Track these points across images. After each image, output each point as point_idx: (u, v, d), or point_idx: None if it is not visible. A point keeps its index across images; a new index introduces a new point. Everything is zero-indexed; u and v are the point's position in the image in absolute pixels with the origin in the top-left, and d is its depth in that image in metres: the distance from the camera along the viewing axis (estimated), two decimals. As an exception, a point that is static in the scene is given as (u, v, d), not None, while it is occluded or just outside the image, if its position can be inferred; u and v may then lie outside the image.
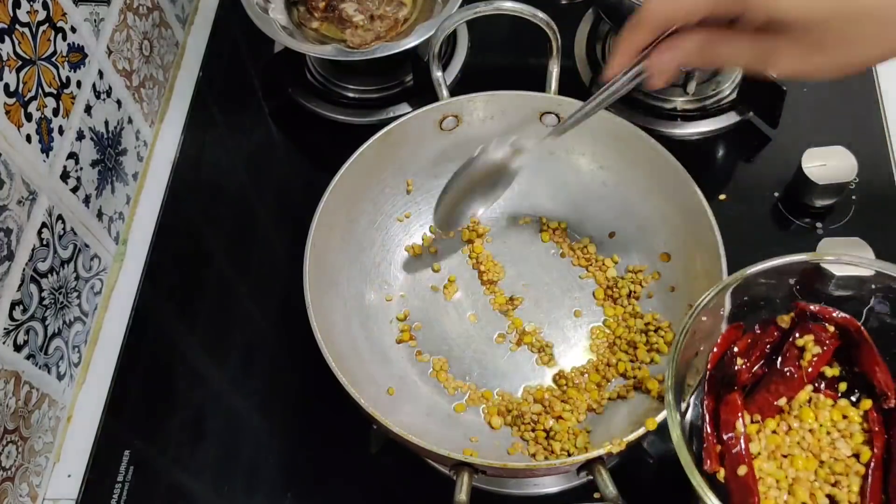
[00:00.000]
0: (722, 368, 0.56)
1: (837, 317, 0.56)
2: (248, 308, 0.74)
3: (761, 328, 0.57)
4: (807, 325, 0.56)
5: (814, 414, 0.54)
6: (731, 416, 0.53)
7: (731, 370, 0.55)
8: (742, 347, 0.56)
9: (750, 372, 0.56)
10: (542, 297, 0.69)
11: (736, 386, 0.55)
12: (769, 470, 0.52)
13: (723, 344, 0.56)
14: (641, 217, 0.69)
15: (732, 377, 0.55)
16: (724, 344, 0.56)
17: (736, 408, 0.53)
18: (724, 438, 0.52)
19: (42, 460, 0.66)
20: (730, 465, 0.51)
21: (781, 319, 0.57)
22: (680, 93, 0.80)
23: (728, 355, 0.56)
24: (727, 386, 0.55)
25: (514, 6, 0.66)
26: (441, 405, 0.65)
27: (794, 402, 0.54)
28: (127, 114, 0.78)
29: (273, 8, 0.80)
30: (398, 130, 0.67)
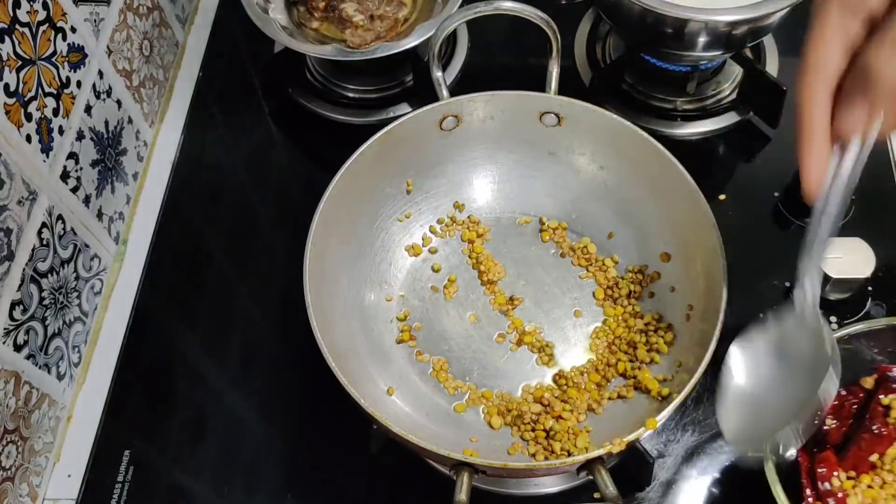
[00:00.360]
0: None
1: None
2: (248, 308, 0.74)
3: (847, 390, 0.59)
4: (890, 385, 0.58)
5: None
6: (827, 473, 0.55)
7: (821, 430, 0.57)
8: (831, 409, 0.58)
9: (840, 431, 0.58)
10: (542, 297, 0.69)
11: (828, 445, 0.57)
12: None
13: None
14: (641, 217, 0.68)
15: (823, 437, 0.57)
16: None
17: (831, 464, 0.55)
18: (821, 494, 0.54)
19: (42, 460, 0.66)
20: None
21: (865, 381, 0.59)
22: (680, 93, 0.80)
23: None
24: (819, 445, 0.57)
25: (514, 6, 0.66)
26: (441, 405, 0.65)
27: (885, 458, 0.56)
28: (127, 114, 0.78)
29: (273, 8, 0.80)
30: (398, 130, 0.67)
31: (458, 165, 0.72)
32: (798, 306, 0.49)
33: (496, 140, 0.71)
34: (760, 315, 0.68)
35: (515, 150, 0.72)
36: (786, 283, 0.71)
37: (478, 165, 0.73)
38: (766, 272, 0.71)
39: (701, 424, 0.65)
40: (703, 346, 0.56)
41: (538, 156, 0.71)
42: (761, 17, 0.68)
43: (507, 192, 0.73)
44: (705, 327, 0.58)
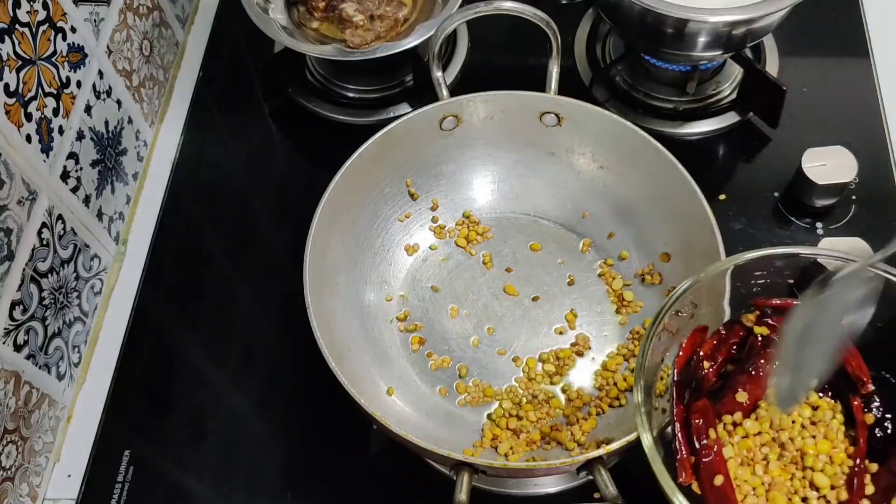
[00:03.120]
0: (689, 373, 0.54)
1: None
2: (248, 308, 0.74)
3: (726, 329, 0.56)
4: (767, 319, 0.55)
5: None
6: (702, 424, 0.51)
7: (697, 375, 0.54)
8: (707, 350, 0.55)
9: (717, 375, 0.55)
10: (542, 296, 0.69)
11: (704, 391, 0.54)
12: (744, 476, 0.51)
13: (688, 348, 0.55)
14: (641, 217, 0.69)
15: (700, 382, 0.54)
16: (689, 348, 0.55)
17: (707, 414, 0.52)
18: (697, 448, 0.51)
19: (42, 460, 0.66)
20: (705, 476, 0.50)
21: (746, 318, 0.56)
22: (680, 93, 0.81)
23: (694, 359, 0.55)
24: (695, 392, 0.54)
25: (514, 6, 0.66)
26: (441, 405, 0.65)
27: (762, 402, 0.54)
28: (127, 114, 0.78)
29: (273, 8, 0.80)
30: (398, 130, 0.67)
31: (458, 165, 0.72)
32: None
33: (496, 140, 0.71)
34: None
35: (515, 150, 0.72)
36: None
37: (478, 165, 0.73)
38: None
39: (701, 424, 0.65)
40: (703, 346, 0.56)
41: (538, 156, 0.71)
42: (761, 17, 0.68)
43: (507, 192, 0.73)
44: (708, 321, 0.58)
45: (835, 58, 0.84)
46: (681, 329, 0.55)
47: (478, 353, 0.67)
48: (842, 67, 0.83)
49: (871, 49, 0.83)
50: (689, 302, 0.54)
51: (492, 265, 0.71)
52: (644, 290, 0.68)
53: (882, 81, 0.81)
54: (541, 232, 0.72)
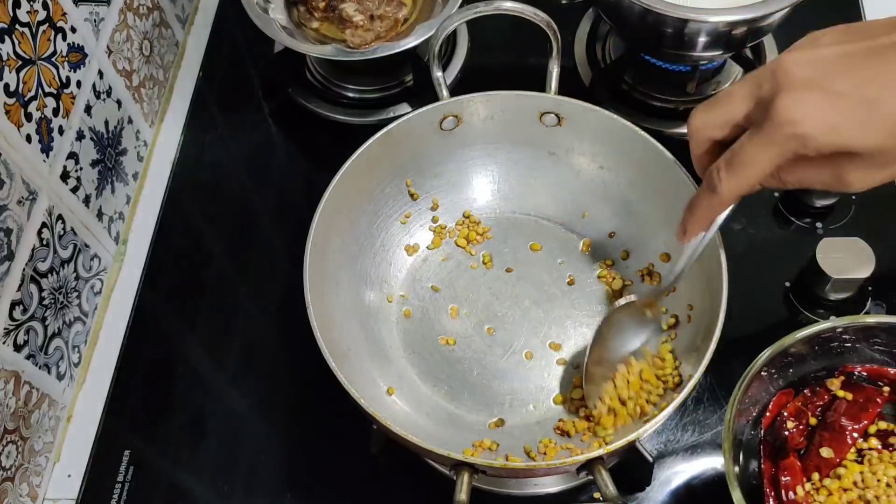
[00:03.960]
0: (774, 433, 0.57)
1: (890, 373, 0.57)
2: (248, 308, 0.74)
3: (811, 391, 0.58)
4: (857, 385, 0.57)
5: (869, 469, 0.55)
6: (790, 481, 0.54)
7: (782, 434, 0.56)
8: (792, 411, 0.57)
9: (802, 435, 0.57)
10: (542, 296, 0.69)
11: (790, 449, 0.56)
12: None
13: (774, 409, 0.57)
14: (641, 217, 0.68)
15: (784, 441, 0.56)
16: (775, 409, 0.57)
17: (795, 471, 0.54)
18: (785, 502, 0.53)
19: (42, 460, 0.66)
20: None
21: (831, 383, 0.58)
22: (680, 93, 0.80)
23: (779, 420, 0.57)
24: (782, 451, 0.56)
25: (514, 6, 0.66)
26: (441, 405, 0.65)
27: (845, 461, 0.56)
28: (127, 114, 0.78)
29: (273, 8, 0.80)
30: (398, 130, 0.67)
31: (458, 165, 0.72)
32: None
33: (496, 140, 0.71)
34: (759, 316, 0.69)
35: (515, 150, 0.72)
36: (786, 284, 0.71)
37: (478, 165, 0.73)
38: (767, 272, 0.71)
39: (701, 424, 0.65)
40: (703, 345, 0.56)
41: (538, 156, 0.71)
42: (761, 17, 0.68)
43: (507, 192, 0.73)
44: (705, 327, 0.58)
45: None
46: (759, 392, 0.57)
47: (478, 353, 0.67)
48: (842, 67, 0.83)
49: (871, 49, 0.83)
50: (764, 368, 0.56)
51: (492, 265, 0.71)
52: (643, 290, 0.68)
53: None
54: (541, 232, 0.72)
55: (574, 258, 0.71)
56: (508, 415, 0.64)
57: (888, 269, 0.69)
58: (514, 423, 0.64)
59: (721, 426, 0.65)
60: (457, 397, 0.65)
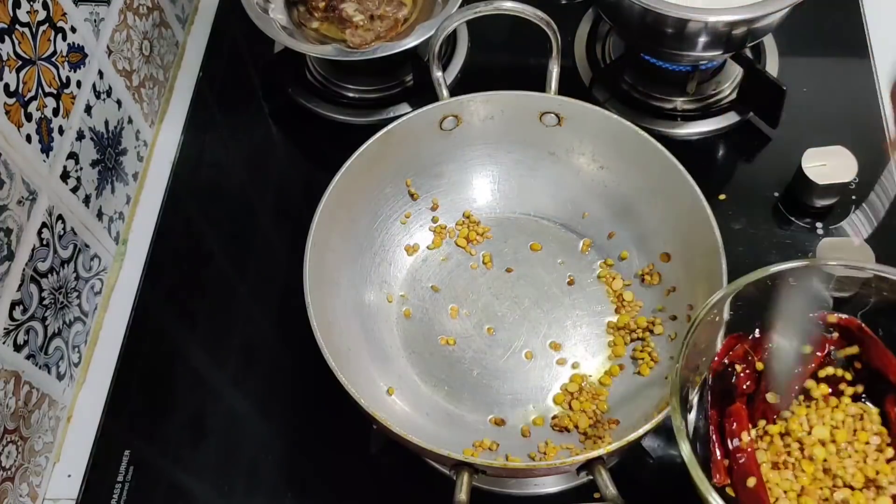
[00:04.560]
0: (723, 379, 0.55)
1: (837, 319, 0.56)
2: (248, 308, 0.74)
3: (761, 334, 0.57)
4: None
5: (815, 414, 0.54)
6: (736, 427, 0.52)
7: (731, 379, 0.55)
8: (740, 354, 0.56)
9: (750, 379, 0.55)
10: (542, 297, 0.69)
11: (738, 395, 0.54)
12: (776, 479, 0.52)
13: (722, 353, 0.56)
14: (641, 217, 0.69)
15: (733, 386, 0.55)
16: (723, 353, 0.56)
17: (741, 418, 0.53)
18: (730, 450, 0.52)
19: (42, 460, 0.66)
20: (738, 477, 0.51)
21: None
22: (680, 93, 0.81)
23: (728, 365, 0.56)
24: (729, 396, 0.55)
25: (514, 6, 0.66)
26: (441, 405, 0.65)
27: (792, 405, 0.54)
28: (127, 114, 0.78)
29: (273, 8, 0.80)
30: (398, 130, 0.67)
31: (458, 165, 0.72)
32: None
33: (496, 140, 0.71)
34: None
35: (515, 150, 0.72)
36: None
37: (478, 165, 0.73)
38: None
39: (701, 424, 0.65)
40: (703, 346, 0.56)
41: (538, 156, 0.71)
42: (761, 17, 0.68)
43: (507, 192, 0.73)
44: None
45: (835, 58, 0.84)
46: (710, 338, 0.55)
47: (478, 353, 0.67)
48: (842, 67, 0.83)
49: (871, 49, 0.83)
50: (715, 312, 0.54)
51: (492, 265, 0.71)
52: (644, 290, 0.68)
53: (882, 81, 0.81)
54: (541, 232, 0.72)
55: (574, 258, 0.71)
56: (508, 415, 0.64)
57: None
58: (514, 422, 0.64)
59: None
60: (457, 397, 0.65)
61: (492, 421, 0.64)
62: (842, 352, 0.56)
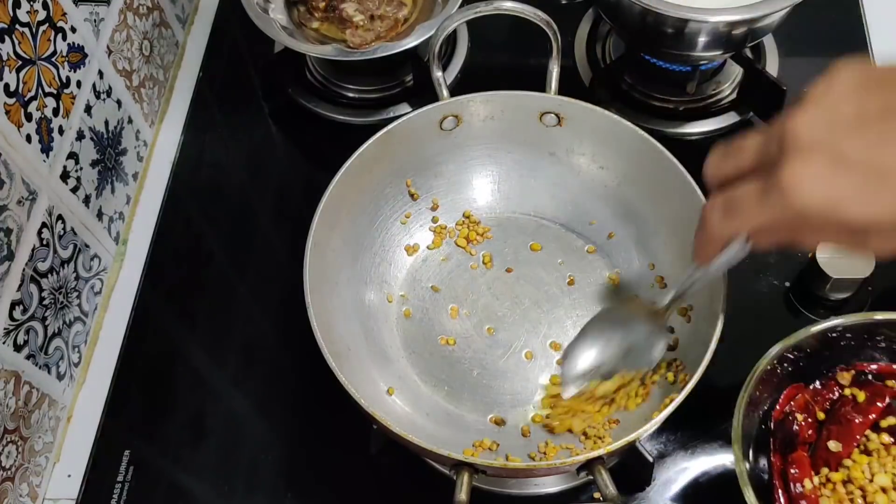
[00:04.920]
0: (783, 427, 0.57)
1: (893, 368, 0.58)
2: (248, 308, 0.74)
3: (821, 385, 0.59)
4: (865, 382, 0.58)
5: (877, 463, 0.55)
6: (798, 474, 0.54)
7: (791, 428, 0.57)
8: (801, 404, 0.58)
9: (812, 428, 0.57)
10: (542, 297, 0.69)
11: (799, 444, 0.56)
12: None
13: (783, 402, 0.58)
14: (641, 217, 0.68)
15: (795, 434, 0.57)
16: (784, 402, 0.58)
17: (803, 465, 0.55)
18: (793, 496, 0.54)
19: (42, 460, 0.66)
20: None
21: (841, 377, 0.59)
22: (680, 93, 0.81)
23: (788, 414, 0.57)
24: (791, 444, 0.56)
25: (514, 6, 0.66)
26: (441, 405, 0.65)
27: (854, 454, 0.56)
28: (127, 114, 0.78)
29: (273, 8, 0.80)
30: (398, 130, 0.67)
31: (458, 165, 0.72)
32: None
33: (496, 140, 0.71)
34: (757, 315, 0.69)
35: (515, 150, 0.72)
36: (786, 283, 0.71)
37: (478, 165, 0.73)
38: (766, 272, 0.71)
39: (701, 424, 0.65)
40: (703, 346, 0.56)
41: (538, 156, 0.71)
42: (761, 17, 0.68)
43: (507, 192, 0.73)
44: (705, 327, 0.58)
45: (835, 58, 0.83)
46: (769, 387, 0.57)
47: (478, 353, 0.67)
48: (842, 67, 0.83)
49: (871, 49, 0.83)
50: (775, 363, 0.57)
51: (492, 265, 0.71)
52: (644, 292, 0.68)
53: (882, 81, 0.80)
54: (541, 232, 0.72)
55: (574, 258, 0.71)
56: (508, 414, 0.64)
57: (888, 269, 0.68)
58: (514, 422, 0.64)
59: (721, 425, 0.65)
60: (457, 397, 0.65)
61: (492, 421, 0.64)
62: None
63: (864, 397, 0.57)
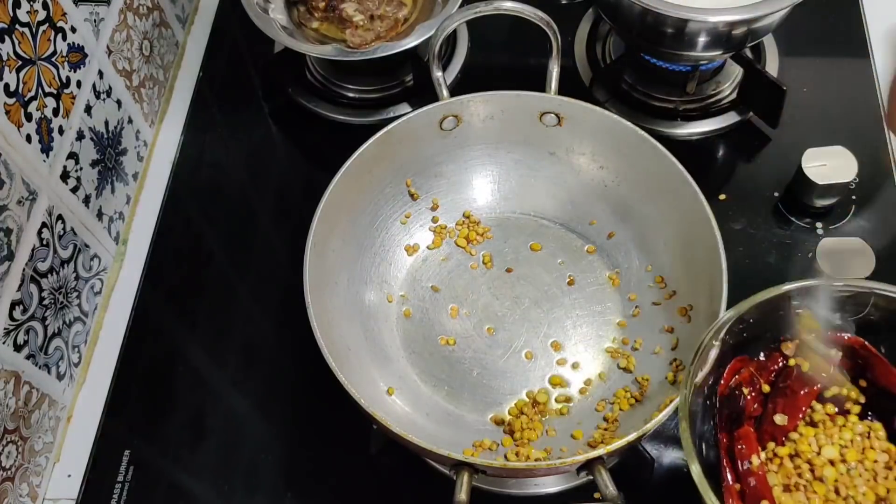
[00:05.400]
0: (730, 402, 0.56)
1: (842, 338, 0.56)
2: (248, 308, 0.74)
3: (766, 356, 0.57)
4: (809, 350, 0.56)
5: (824, 435, 0.54)
6: (745, 450, 0.53)
7: (738, 402, 0.55)
8: (746, 377, 0.56)
9: (757, 401, 0.56)
10: (542, 297, 0.69)
11: (746, 418, 0.55)
12: (789, 502, 0.52)
13: (728, 376, 0.56)
14: (641, 217, 0.69)
15: (741, 409, 0.55)
16: (729, 376, 0.56)
17: (750, 441, 0.53)
18: (741, 473, 0.52)
19: (42, 460, 0.66)
20: (751, 501, 0.51)
21: (786, 346, 0.57)
22: (680, 93, 0.81)
23: (734, 387, 0.56)
24: (737, 420, 0.55)
25: (514, 6, 0.66)
26: (441, 405, 0.65)
27: (800, 427, 0.55)
28: (127, 114, 0.78)
29: (273, 8, 0.80)
30: (398, 130, 0.67)
31: (458, 165, 0.72)
32: None
33: (496, 140, 0.71)
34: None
35: (515, 150, 0.72)
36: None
37: (478, 165, 0.73)
38: (766, 272, 0.71)
39: (701, 424, 0.65)
40: (703, 346, 0.56)
41: (538, 156, 0.71)
42: (761, 17, 0.68)
43: (507, 192, 0.73)
44: (705, 327, 0.58)
45: (835, 58, 0.84)
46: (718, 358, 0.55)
47: (478, 353, 0.67)
48: (842, 67, 0.83)
49: (871, 49, 0.83)
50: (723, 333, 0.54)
51: (492, 265, 0.71)
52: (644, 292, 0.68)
53: (882, 82, 0.81)
54: (541, 232, 0.72)
55: (574, 258, 0.71)
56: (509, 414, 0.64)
57: (888, 269, 0.68)
58: (514, 423, 0.64)
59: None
60: (457, 397, 0.65)
61: (492, 421, 0.64)
62: None
63: (807, 367, 0.56)
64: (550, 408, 0.64)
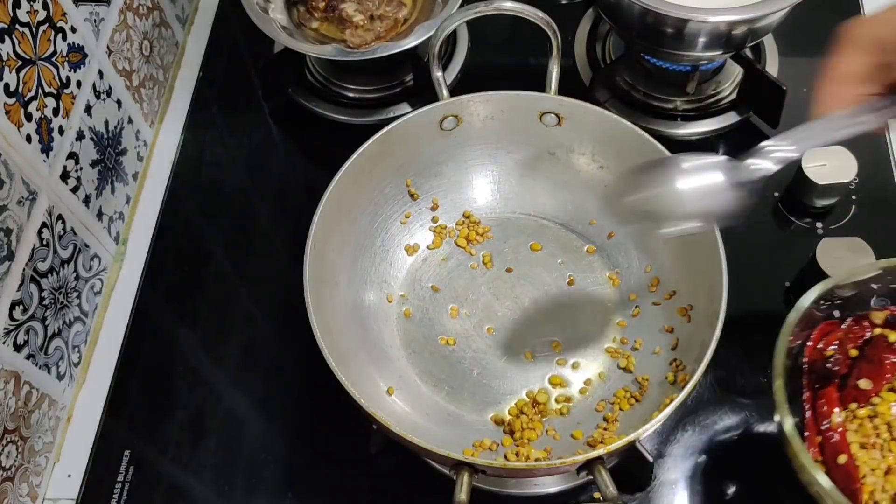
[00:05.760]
0: (815, 362, 0.59)
1: None
2: (248, 308, 0.74)
3: (855, 322, 0.60)
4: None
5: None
6: (827, 408, 0.57)
7: (824, 364, 0.59)
8: (833, 341, 0.59)
9: (842, 364, 0.59)
10: (542, 297, 0.69)
11: (830, 379, 0.58)
12: (865, 458, 0.55)
13: (817, 339, 0.59)
14: (641, 217, 0.68)
15: (827, 372, 0.58)
16: (817, 338, 0.59)
17: (832, 400, 0.57)
18: (822, 429, 0.56)
19: (42, 460, 0.66)
20: (830, 455, 0.55)
21: (875, 315, 0.60)
22: (680, 93, 0.81)
23: (822, 350, 0.59)
24: (825, 380, 0.58)
25: (514, 6, 0.66)
26: (441, 405, 0.65)
27: (882, 391, 0.57)
28: (127, 114, 0.78)
29: (273, 8, 0.80)
30: (398, 130, 0.67)
31: (458, 165, 0.72)
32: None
33: (496, 140, 0.71)
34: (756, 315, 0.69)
35: (515, 150, 0.72)
36: (786, 284, 0.71)
37: (478, 165, 0.73)
38: (766, 272, 0.71)
39: (701, 424, 0.65)
40: (703, 346, 0.56)
41: (538, 156, 0.71)
42: (761, 17, 0.68)
43: (507, 192, 0.73)
44: (705, 327, 0.58)
45: (835, 58, 0.84)
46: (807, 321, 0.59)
47: (478, 353, 0.67)
48: (842, 67, 0.83)
49: (871, 49, 0.83)
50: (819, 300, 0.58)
51: (492, 265, 0.71)
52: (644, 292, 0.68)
53: (882, 81, 0.81)
54: (541, 232, 0.72)
55: (574, 258, 0.71)
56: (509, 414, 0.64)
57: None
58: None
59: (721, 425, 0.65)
60: (457, 397, 0.65)
61: (492, 421, 0.64)
62: None
63: (894, 337, 0.59)
64: (550, 408, 0.64)
